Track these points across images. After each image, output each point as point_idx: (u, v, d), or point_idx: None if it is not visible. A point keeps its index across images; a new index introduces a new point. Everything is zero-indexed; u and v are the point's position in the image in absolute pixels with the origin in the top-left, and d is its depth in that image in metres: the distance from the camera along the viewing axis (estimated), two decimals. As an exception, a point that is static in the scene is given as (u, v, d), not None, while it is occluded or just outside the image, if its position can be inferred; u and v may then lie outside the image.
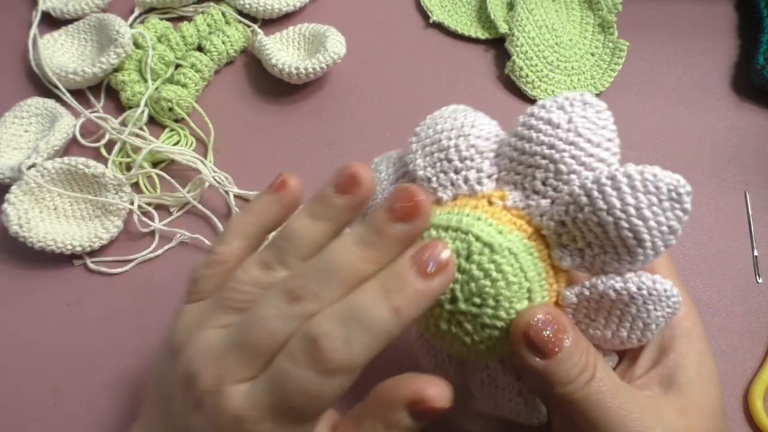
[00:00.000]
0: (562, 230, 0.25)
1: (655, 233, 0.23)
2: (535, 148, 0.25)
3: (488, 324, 0.24)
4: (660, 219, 0.23)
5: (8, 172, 0.40)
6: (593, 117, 0.26)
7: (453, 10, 0.51)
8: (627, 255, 0.24)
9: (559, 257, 0.25)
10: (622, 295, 0.24)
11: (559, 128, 0.25)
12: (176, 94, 0.44)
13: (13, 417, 0.36)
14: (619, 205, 0.23)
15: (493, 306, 0.24)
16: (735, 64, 0.48)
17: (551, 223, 0.25)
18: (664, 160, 0.44)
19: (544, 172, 0.25)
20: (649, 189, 0.24)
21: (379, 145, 0.45)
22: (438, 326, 0.25)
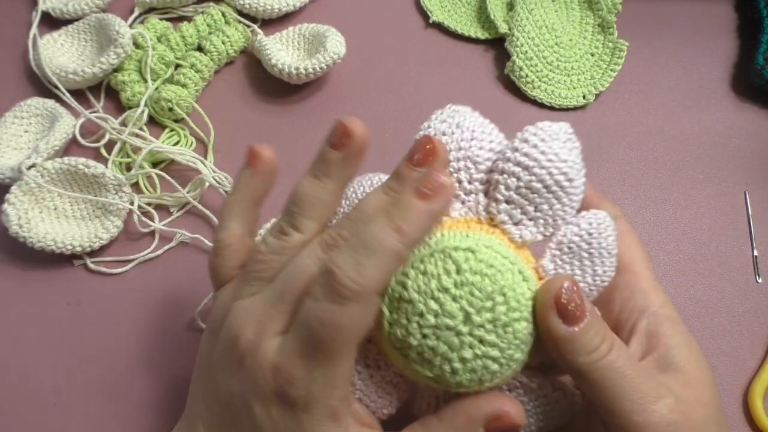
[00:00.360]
0: (511, 208, 0.27)
1: (575, 168, 0.27)
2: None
3: (507, 321, 0.25)
4: (572, 156, 0.27)
5: (8, 172, 0.40)
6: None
7: (453, 10, 0.51)
8: (565, 197, 0.27)
9: (519, 235, 0.27)
10: (582, 235, 0.27)
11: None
12: (176, 94, 0.44)
13: (13, 417, 0.36)
14: (543, 157, 0.26)
15: (503, 300, 0.25)
16: (735, 65, 0.48)
17: (501, 206, 0.27)
18: (664, 160, 0.44)
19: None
20: (554, 137, 0.27)
21: (380, 145, 0.44)
22: (464, 359, 0.25)
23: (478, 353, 0.25)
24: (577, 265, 0.27)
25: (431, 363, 0.25)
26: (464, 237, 0.26)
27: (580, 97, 0.47)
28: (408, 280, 0.25)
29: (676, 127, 0.46)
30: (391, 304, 0.25)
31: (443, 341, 0.25)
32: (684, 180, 0.44)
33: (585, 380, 0.26)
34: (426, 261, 0.25)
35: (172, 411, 0.30)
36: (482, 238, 0.26)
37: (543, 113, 0.46)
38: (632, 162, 0.44)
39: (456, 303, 0.24)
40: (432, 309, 0.24)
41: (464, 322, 0.24)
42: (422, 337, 0.25)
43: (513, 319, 0.25)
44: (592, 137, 0.45)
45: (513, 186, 0.26)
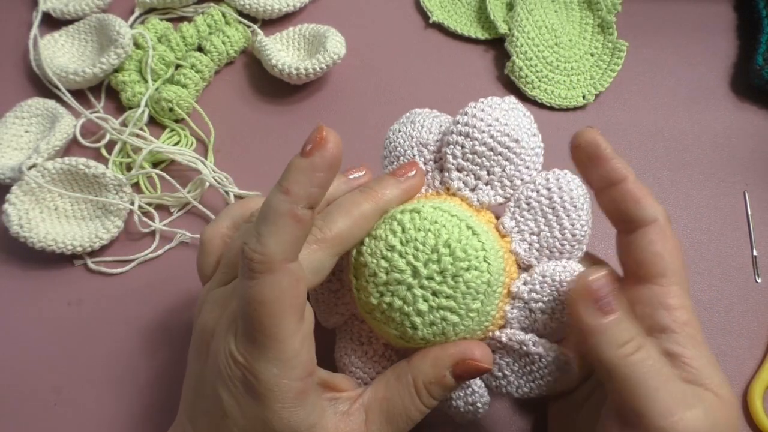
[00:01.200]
0: (464, 175, 0.29)
1: (522, 130, 0.28)
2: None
3: (455, 271, 0.26)
4: (515, 120, 0.28)
5: (9, 172, 0.40)
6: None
7: (453, 10, 0.51)
8: (516, 158, 0.28)
9: (476, 199, 0.29)
10: (539, 190, 0.28)
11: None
12: (176, 94, 0.44)
13: (14, 416, 0.36)
14: (482, 123, 0.28)
15: (448, 252, 0.26)
16: (734, 65, 0.48)
17: (453, 174, 0.29)
18: (663, 160, 0.45)
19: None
20: (494, 106, 0.28)
21: (380, 145, 0.45)
22: (420, 312, 0.26)
23: (432, 305, 0.26)
24: (541, 221, 0.28)
25: (393, 320, 0.27)
26: (413, 203, 0.28)
27: (579, 97, 0.47)
28: (363, 246, 0.27)
29: (676, 127, 0.46)
30: (355, 272, 0.28)
31: (397, 296, 0.26)
32: (683, 180, 0.44)
33: (613, 375, 0.25)
34: (377, 227, 0.27)
35: (172, 410, 0.30)
36: (432, 201, 0.28)
37: (543, 113, 0.46)
38: (632, 162, 0.44)
39: (402, 258, 0.26)
40: (382, 267, 0.26)
41: (413, 276, 0.26)
42: (379, 295, 0.27)
43: (461, 268, 0.26)
44: (591, 137, 0.45)
45: (459, 154, 0.29)
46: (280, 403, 0.24)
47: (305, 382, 0.25)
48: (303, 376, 0.25)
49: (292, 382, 0.24)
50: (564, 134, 0.45)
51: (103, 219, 0.41)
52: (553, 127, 0.46)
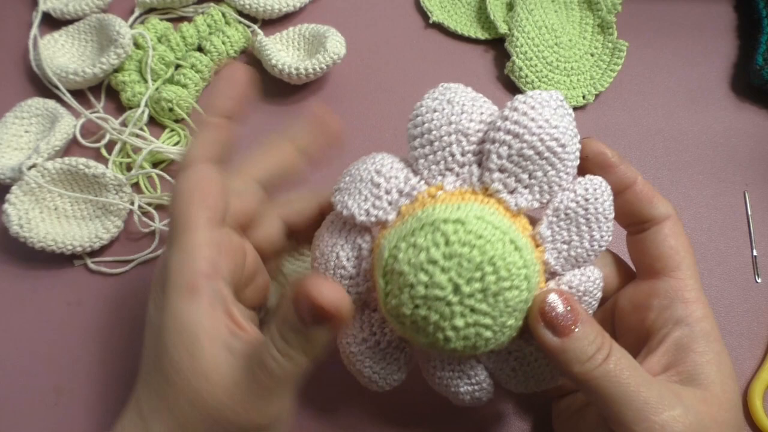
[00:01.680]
0: (505, 177, 0.27)
1: (568, 134, 0.26)
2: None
3: (498, 290, 0.25)
4: (564, 122, 0.26)
5: (9, 172, 0.40)
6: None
7: (453, 10, 0.51)
8: (559, 163, 0.26)
9: (514, 203, 0.27)
10: (579, 199, 0.27)
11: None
12: (176, 94, 0.44)
13: (14, 417, 0.36)
14: (534, 123, 0.26)
15: (492, 270, 0.25)
16: (734, 65, 0.48)
17: (495, 175, 0.27)
18: (663, 160, 0.45)
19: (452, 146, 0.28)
20: (544, 104, 0.27)
21: (380, 145, 0.44)
22: (455, 328, 0.25)
23: (469, 321, 0.25)
24: (574, 231, 0.27)
25: (425, 331, 0.26)
26: (455, 209, 0.26)
27: (579, 98, 0.47)
28: (399, 253, 0.25)
29: (676, 127, 0.46)
30: (385, 275, 0.26)
31: (434, 311, 0.25)
32: (683, 180, 0.44)
33: (584, 389, 0.25)
34: (417, 234, 0.25)
35: (172, 411, 0.31)
36: (474, 208, 0.26)
37: (543, 113, 0.46)
38: (632, 162, 0.44)
39: (445, 274, 0.25)
40: (422, 281, 0.25)
41: (454, 293, 0.25)
42: (414, 307, 0.25)
43: (503, 288, 0.25)
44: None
45: (505, 154, 0.26)
46: (176, 291, 0.25)
47: (201, 279, 0.25)
48: (199, 273, 0.25)
49: (189, 276, 0.25)
50: (564, 134, 0.45)
51: (103, 219, 0.41)
52: (553, 127, 0.46)
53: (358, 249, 0.28)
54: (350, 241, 0.28)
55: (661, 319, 0.28)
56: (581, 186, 0.27)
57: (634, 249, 0.30)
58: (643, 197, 0.29)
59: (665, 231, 0.29)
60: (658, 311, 0.28)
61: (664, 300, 0.28)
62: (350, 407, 0.36)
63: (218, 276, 0.26)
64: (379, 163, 0.28)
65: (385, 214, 0.27)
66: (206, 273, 0.25)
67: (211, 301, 0.25)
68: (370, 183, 0.28)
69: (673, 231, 0.29)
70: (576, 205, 0.27)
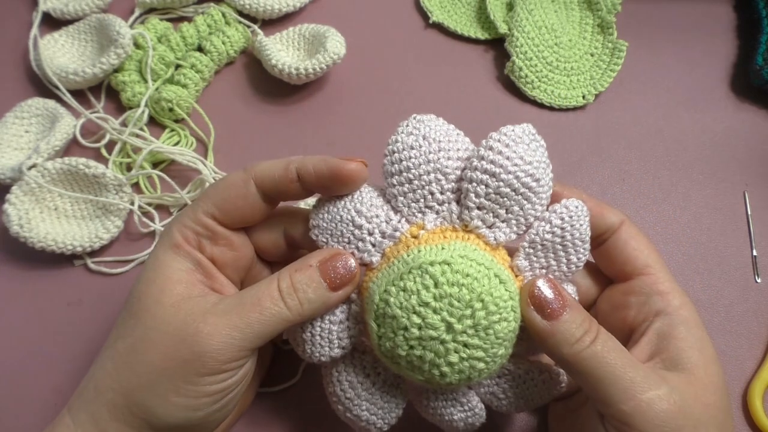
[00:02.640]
0: (483, 213, 0.28)
1: (541, 167, 0.28)
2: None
3: (488, 324, 0.26)
4: (537, 156, 0.28)
5: (9, 172, 0.40)
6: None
7: (453, 10, 0.51)
8: (534, 197, 0.28)
9: (493, 238, 0.28)
10: (555, 230, 0.28)
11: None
12: (176, 94, 0.44)
13: (14, 417, 0.36)
14: (509, 162, 0.27)
15: (482, 306, 0.26)
16: (734, 65, 0.48)
17: (473, 212, 0.28)
18: (663, 160, 0.45)
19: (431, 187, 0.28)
20: (518, 141, 0.27)
21: (380, 145, 0.44)
22: (450, 364, 0.26)
23: (463, 356, 0.26)
24: (552, 257, 0.29)
25: (421, 370, 0.26)
26: (440, 250, 0.27)
27: (579, 97, 0.47)
28: (390, 297, 0.26)
29: (676, 127, 0.46)
30: (377, 319, 0.27)
31: (429, 350, 0.26)
32: (683, 180, 0.44)
33: (572, 371, 0.27)
34: (405, 278, 0.26)
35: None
36: (457, 247, 0.27)
37: (543, 113, 0.46)
38: (631, 162, 0.44)
39: (437, 315, 0.26)
40: (415, 323, 0.26)
41: (447, 331, 0.26)
42: (409, 348, 0.26)
43: (493, 321, 0.26)
44: (591, 137, 0.45)
45: (483, 193, 0.27)
46: (162, 245, 0.29)
47: (185, 245, 0.29)
48: (186, 240, 0.29)
49: (177, 235, 0.29)
50: (564, 134, 0.46)
51: (103, 219, 0.41)
52: (553, 127, 0.46)
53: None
54: None
55: (641, 314, 0.29)
56: (556, 215, 0.28)
57: (602, 260, 0.32)
58: (594, 213, 0.30)
59: (623, 236, 0.30)
60: (636, 307, 0.30)
61: (641, 296, 0.30)
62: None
63: (201, 251, 0.29)
64: (358, 202, 0.29)
65: (370, 256, 0.28)
66: (189, 242, 0.29)
67: (191, 262, 0.29)
68: (352, 225, 0.28)
69: (630, 234, 0.30)
70: (552, 236, 0.28)
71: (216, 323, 0.26)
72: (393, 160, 0.28)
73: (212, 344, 0.26)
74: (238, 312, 0.27)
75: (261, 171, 0.29)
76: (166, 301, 0.27)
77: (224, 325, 0.26)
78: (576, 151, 0.45)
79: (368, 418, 0.30)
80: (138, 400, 0.26)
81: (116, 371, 0.27)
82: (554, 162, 0.46)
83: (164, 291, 0.27)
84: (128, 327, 0.28)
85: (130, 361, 0.27)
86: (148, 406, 0.26)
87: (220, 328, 0.26)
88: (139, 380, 0.26)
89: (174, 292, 0.27)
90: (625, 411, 0.25)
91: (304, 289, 0.27)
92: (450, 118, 0.33)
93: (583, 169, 0.44)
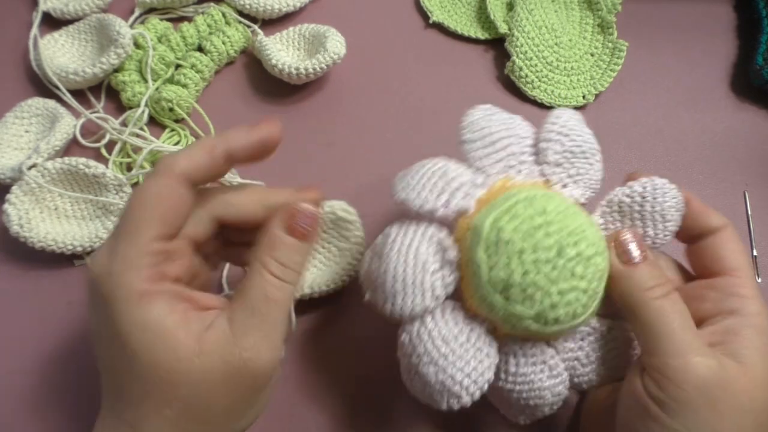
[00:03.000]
0: (560, 171, 0.31)
1: (596, 142, 0.32)
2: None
3: (590, 255, 0.27)
4: (591, 133, 0.33)
5: (9, 172, 0.40)
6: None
7: (453, 10, 0.51)
8: (597, 164, 0.32)
9: (570, 194, 0.31)
10: (634, 195, 0.30)
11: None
12: (176, 94, 0.44)
13: (14, 416, 0.36)
14: (576, 128, 0.32)
15: (584, 237, 0.27)
16: (734, 65, 0.48)
17: (553, 168, 0.31)
18: (663, 159, 0.45)
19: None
20: (576, 117, 0.33)
21: (379, 145, 0.45)
22: (561, 292, 0.27)
23: (573, 284, 0.27)
24: (628, 224, 0.31)
25: (533, 299, 0.27)
26: (538, 188, 0.30)
27: (579, 97, 0.47)
28: (502, 223, 0.27)
29: (676, 127, 0.46)
30: (488, 249, 0.27)
31: (543, 275, 0.27)
32: (683, 180, 0.44)
33: (635, 316, 0.28)
34: (514, 207, 0.28)
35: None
36: (540, 188, 0.30)
37: (543, 113, 0.46)
38: (632, 162, 0.44)
39: (550, 238, 0.27)
40: (531, 245, 0.27)
41: (558, 255, 0.27)
42: (523, 273, 0.27)
43: (593, 253, 0.27)
44: (591, 137, 0.45)
45: (560, 150, 0.31)
46: (127, 302, 0.25)
47: (151, 285, 0.26)
48: (149, 279, 0.26)
49: (137, 283, 0.25)
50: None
51: (103, 219, 0.41)
52: (553, 127, 0.46)
53: (437, 243, 0.29)
54: (427, 237, 0.29)
55: (715, 309, 0.29)
56: (639, 184, 0.30)
57: (694, 257, 0.32)
58: (699, 211, 0.31)
59: (724, 237, 0.31)
60: (713, 302, 0.29)
61: (720, 293, 0.29)
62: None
63: (166, 279, 0.27)
64: (441, 164, 0.30)
65: (467, 202, 0.29)
66: (153, 279, 0.26)
67: (168, 301, 0.26)
68: (443, 179, 0.29)
69: (731, 237, 0.31)
70: (630, 200, 0.30)
71: (254, 343, 0.26)
72: (473, 129, 0.31)
73: (263, 362, 0.26)
74: (260, 320, 0.26)
75: (184, 168, 0.27)
76: (184, 355, 0.25)
77: (260, 338, 0.26)
78: (576, 151, 0.45)
79: (462, 379, 0.28)
80: None
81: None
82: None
83: (173, 348, 0.25)
84: (142, 400, 0.26)
85: (192, 418, 0.26)
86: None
87: (259, 345, 0.26)
88: (206, 428, 0.26)
89: (183, 343, 0.25)
90: (669, 364, 0.26)
91: (291, 259, 0.28)
92: (450, 118, 0.33)
93: (583, 169, 0.44)
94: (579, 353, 0.30)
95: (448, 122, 0.46)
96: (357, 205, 0.42)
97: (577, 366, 0.31)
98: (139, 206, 0.27)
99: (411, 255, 0.28)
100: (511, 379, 0.30)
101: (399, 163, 0.43)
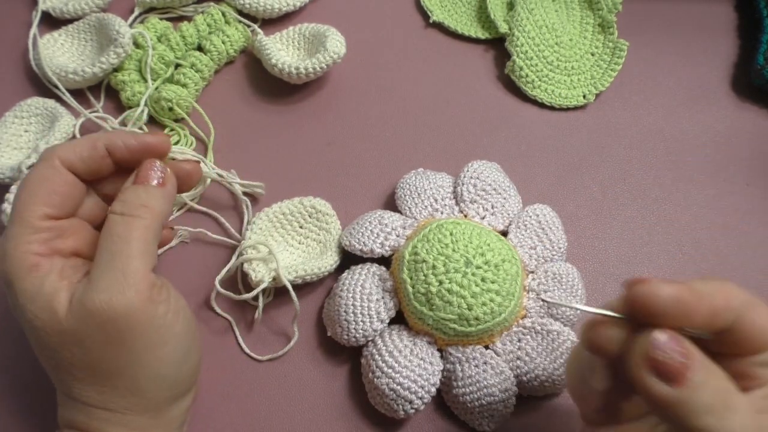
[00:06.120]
0: (476, 206, 0.39)
1: (508, 180, 0.41)
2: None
3: (497, 262, 0.34)
4: (502, 174, 0.41)
5: (8, 171, 0.40)
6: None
7: (453, 10, 0.51)
8: (510, 197, 0.40)
9: (488, 223, 0.38)
10: (531, 216, 0.39)
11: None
12: (176, 93, 0.44)
13: (14, 416, 0.36)
14: (487, 171, 0.40)
15: (489, 248, 0.34)
16: (735, 64, 0.48)
17: (469, 204, 0.39)
18: (664, 159, 0.44)
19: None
20: (487, 164, 0.41)
21: (379, 145, 0.45)
22: (474, 294, 0.33)
23: (483, 288, 0.33)
24: (535, 237, 0.38)
25: (451, 303, 0.33)
26: (453, 220, 0.36)
27: (580, 97, 0.47)
28: (418, 249, 0.34)
29: (677, 127, 0.46)
30: (409, 271, 0.34)
31: (455, 282, 0.33)
32: (684, 180, 0.44)
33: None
34: (427, 235, 0.35)
35: (171, 410, 0.31)
36: (462, 221, 0.36)
37: (543, 113, 0.46)
38: (632, 161, 0.44)
39: (457, 253, 0.34)
40: (441, 260, 0.34)
41: (466, 265, 0.33)
42: (439, 283, 0.33)
43: (501, 260, 0.34)
44: (592, 137, 0.45)
45: (473, 190, 0.39)
46: (17, 277, 0.27)
47: (41, 260, 0.27)
48: (39, 254, 0.28)
49: (26, 256, 0.27)
50: (564, 134, 0.45)
51: (103, 219, 0.40)
52: (553, 127, 0.46)
53: (378, 277, 0.35)
54: (370, 274, 0.35)
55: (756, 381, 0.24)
56: (531, 209, 0.39)
57: (724, 345, 0.24)
58: (720, 305, 0.23)
59: (753, 315, 0.23)
60: (748, 368, 0.24)
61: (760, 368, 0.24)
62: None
63: (58, 254, 0.28)
64: (378, 214, 0.38)
65: (398, 241, 0.36)
66: (43, 254, 0.28)
67: (59, 272, 0.28)
68: (379, 225, 0.37)
69: (759, 311, 0.24)
70: (530, 219, 0.38)
71: (108, 283, 0.27)
72: (404, 186, 0.40)
73: (124, 298, 0.27)
74: (110, 257, 0.27)
75: (64, 154, 0.29)
76: (62, 317, 0.27)
77: (114, 277, 0.27)
78: (577, 150, 0.45)
79: (409, 386, 0.33)
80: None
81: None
82: (555, 162, 0.46)
83: (55, 313, 0.27)
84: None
85: (102, 376, 0.28)
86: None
87: (113, 283, 0.27)
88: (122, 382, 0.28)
89: (61, 305, 0.27)
90: None
91: (132, 196, 0.29)
92: (450, 118, 0.33)
93: (583, 168, 0.44)
94: (519, 353, 0.34)
95: (448, 122, 0.46)
96: (356, 204, 0.42)
97: (521, 365, 0.34)
98: (24, 190, 0.29)
99: (358, 290, 0.35)
100: (461, 383, 0.34)
101: (398, 163, 0.44)
